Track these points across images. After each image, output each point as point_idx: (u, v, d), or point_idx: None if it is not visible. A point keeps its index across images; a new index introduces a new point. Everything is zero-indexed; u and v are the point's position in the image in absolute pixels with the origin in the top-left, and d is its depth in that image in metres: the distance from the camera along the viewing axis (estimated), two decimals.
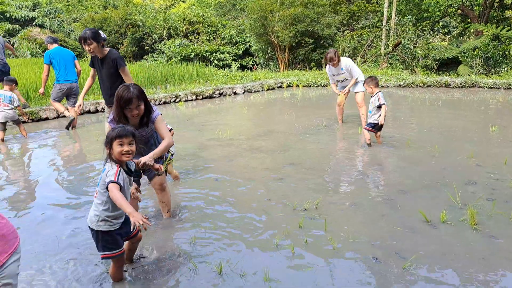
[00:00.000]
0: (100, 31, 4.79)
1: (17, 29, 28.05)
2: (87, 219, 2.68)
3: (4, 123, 7.07)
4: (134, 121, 3.27)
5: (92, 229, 2.64)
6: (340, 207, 3.93)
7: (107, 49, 4.84)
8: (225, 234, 3.44)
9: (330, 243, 3.19)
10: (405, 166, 5.12)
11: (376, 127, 6.13)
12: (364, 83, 6.44)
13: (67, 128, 8.00)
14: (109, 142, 2.61)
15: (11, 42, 26.20)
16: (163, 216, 3.81)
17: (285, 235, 3.35)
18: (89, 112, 10.12)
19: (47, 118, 9.20)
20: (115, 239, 2.65)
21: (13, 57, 19.21)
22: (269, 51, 18.76)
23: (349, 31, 21.36)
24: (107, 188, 2.50)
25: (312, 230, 3.44)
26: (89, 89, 5.63)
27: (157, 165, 3.04)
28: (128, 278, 2.84)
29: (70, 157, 6.05)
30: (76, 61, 8.16)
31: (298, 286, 2.63)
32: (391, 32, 17.10)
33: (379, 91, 6.11)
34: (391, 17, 17.30)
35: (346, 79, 7.37)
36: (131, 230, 2.72)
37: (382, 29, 17.68)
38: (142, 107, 3.21)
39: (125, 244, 2.82)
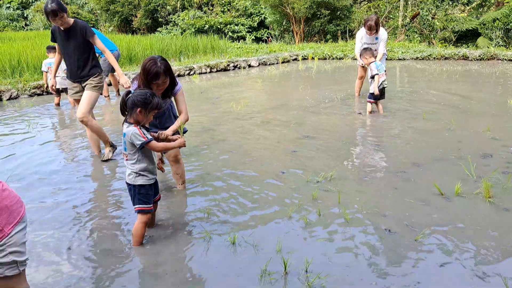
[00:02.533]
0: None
1: (31, 1, 28.03)
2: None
3: (59, 89, 7.51)
4: (158, 93, 3.29)
5: (129, 184, 2.87)
6: (354, 179, 3.94)
7: (71, 19, 4.42)
8: (239, 206, 3.49)
9: (343, 215, 3.22)
10: (420, 138, 5.07)
11: (373, 97, 6.23)
12: (360, 55, 6.43)
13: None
14: (149, 108, 2.74)
15: (25, 15, 26.27)
16: (177, 187, 3.87)
17: (298, 206, 3.39)
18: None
19: None
20: (149, 194, 2.89)
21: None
22: (284, 23, 18.44)
23: (366, 2, 20.80)
24: (142, 144, 2.71)
25: (325, 202, 3.47)
26: (59, 65, 4.98)
27: (175, 137, 3.08)
28: (145, 247, 2.92)
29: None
30: None
31: (311, 257, 2.67)
32: (409, 3, 16.60)
33: (373, 61, 6.18)
34: None
35: (376, 50, 6.93)
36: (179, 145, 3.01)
37: (400, 0, 17.17)
38: (168, 81, 3.24)
39: None
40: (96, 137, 4.68)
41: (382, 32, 6.96)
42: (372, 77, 6.15)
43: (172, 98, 3.56)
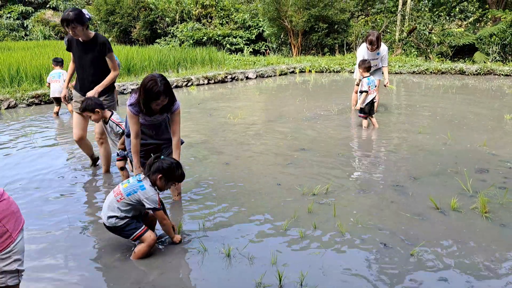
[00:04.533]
0: (84, 10, 4.16)
1: (30, 11, 28.18)
2: (102, 218, 2.90)
3: (58, 98, 7.61)
4: (157, 109, 3.30)
5: (109, 227, 2.87)
6: (350, 192, 3.94)
7: (92, 32, 4.25)
8: (234, 218, 3.48)
9: (339, 228, 3.20)
10: (416, 152, 5.08)
11: (363, 112, 6.28)
12: (358, 65, 6.49)
13: None
14: (165, 175, 2.84)
15: (25, 25, 26.38)
16: (173, 198, 3.85)
17: (294, 219, 3.37)
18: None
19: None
20: (134, 222, 2.88)
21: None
22: (282, 36, 18.57)
23: (363, 17, 21.02)
24: (152, 209, 2.84)
25: (321, 215, 3.45)
26: (72, 75, 4.68)
27: (177, 237, 3.12)
28: (136, 264, 2.89)
29: None
30: None
31: (306, 270, 2.65)
32: (406, 17, 16.78)
33: (367, 76, 6.23)
34: (406, 1, 16.95)
35: (376, 66, 7.07)
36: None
37: (397, 14, 17.37)
38: (167, 100, 3.24)
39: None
40: (108, 155, 4.59)
41: (383, 48, 7.02)
42: (361, 92, 6.19)
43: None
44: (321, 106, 8.13)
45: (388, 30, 17.97)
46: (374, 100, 6.29)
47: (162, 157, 2.92)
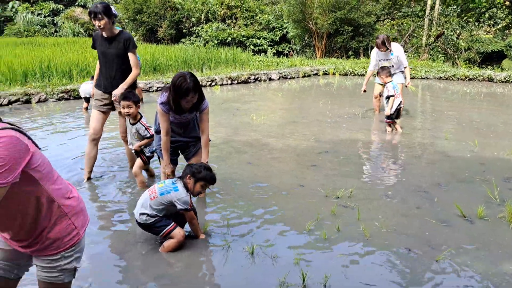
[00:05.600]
0: (112, 7, 4.14)
1: (61, 8, 28.92)
2: (135, 214, 3.01)
3: (88, 98, 7.80)
4: (187, 107, 3.36)
5: (140, 224, 2.98)
6: (374, 196, 3.92)
7: (117, 29, 4.22)
8: (257, 217, 3.51)
9: (363, 232, 3.20)
10: (443, 159, 5.01)
11: (389, 118, 6.23)
12: (377, 74, 6.48)
13: None
14: (197, 177, 2.95)
15: (55, 21, 27.07)
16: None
17: (317, 221, 3.38)
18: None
19: None
20: (163, 220, 2.96)
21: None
22: (306, 37, 18.55)
23: (389, 20, 20.79)
24: (184, 210, 2.94)
25: (344, 218, 3.45)
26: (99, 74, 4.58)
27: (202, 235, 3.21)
28: (163, 253, 2.95)
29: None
30: None
31: (329, 271, 2.66)
32: (434, 22, 16.53)
33: (390, 81, 6.23)
34: (434, 6, 16.69)
35: (393, 66, 7.09)
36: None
37: (424, 19, 17.12)
38: (196, 97, 3.30)
39: None
40: (94, 154, 4.47)
41: (396, 47, 7.05)
42: (388, 98, 6.17)
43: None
44: (345, 108, 8.10)
45: (415, 35, 17.73)
46: (401, 105, 6.25)
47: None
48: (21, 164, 1.46)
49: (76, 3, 29.90)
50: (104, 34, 4.13)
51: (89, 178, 4.34)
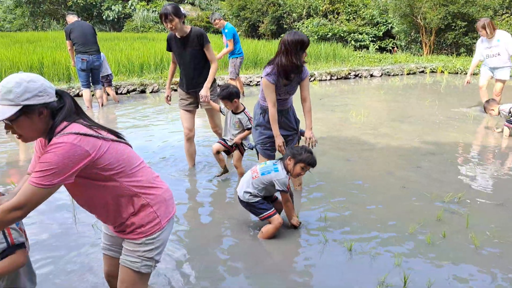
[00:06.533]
0: (180, 7, 4.19)
1: None
2: (238, 193, 3.13)
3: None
4: (294, 66, 3.44)
5: (243, 202, 3.10)
6: (485, 204, 3.62)
7: (188, 27, 4.17)
8: (356, 214, 3.46)
9: (472, 240, 2.98)
10: None
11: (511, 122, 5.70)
12: (485, 109, 6.11)
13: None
14: (297, 160, 3.01)
15: None
16: (294, 188, 3.96)
17: (421, 224, 3.23)
18: None
19: None
20: (265, 203, 3.08)
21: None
22: (412, 33, 17.55)
23: (508, 14, 18.76)
24: (281, 191, 3.01)
25: (451, 224, 3.25)
26: (173, 76, 4.64)
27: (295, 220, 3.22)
28: (259, 242, 3.06)
29: None
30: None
31: (433, 277, 2.54)
32: None
33: (501, 106, 5.84)
34: None
35: (499, 54, 6.63)
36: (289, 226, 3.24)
37: None
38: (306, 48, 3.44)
39: None
40: (192, 151, 4.61)
41: (504, 34, 6.62)
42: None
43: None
44: (454, 109, 7.54)
45: None
46: None
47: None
48: (72, 169, 1.55)
49: (185, 1, 31.81)
50: (177, 34, 4.15)
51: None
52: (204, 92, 4.17)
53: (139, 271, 1.82)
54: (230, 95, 4.03)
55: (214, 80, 4.37)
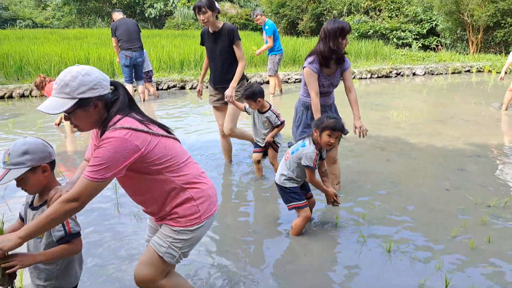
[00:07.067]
0: (219, 4, 4.23)
1: None
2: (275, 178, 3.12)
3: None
4: (342, 52, 3.44)
5: (278, 185, 3.09)
6: None
7: (220, 22, 4.16)
8: (395, 215, 3.39)
9: None
10: None
11: None
12: None
13: None
14: (321, 128, 2.90)
15: None
16: (333, 186, 3.92)
17: (464, 228, 3.12)
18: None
19: None
20: (299, 193, 3.05)
21: None
22: (458, 31, 16.90)
23: None
24: (306, 166, 2.91)
25: (497, 230, 3.12)
26: (206, 71, 4.60)
27: (331, 190, 3.12)
28: (297, 239, 3.06)
29: None
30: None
31: (476, 282, 2.45)
32: None
33: None
34: None
35: None
36: (326, 204, 3.24)
37: None
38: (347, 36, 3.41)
39: None
40: (228, 147, 4.61)
41: None
42: None
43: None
44: (502, 110, 7.21)
45: None
46: None
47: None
48: (123, 163, 1.61)
49: None
50: (209, 29, 4.15)
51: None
52: (229, 91, 4.07)
53: (162, 256, 1.83)
54: (254, 95, 3.89)
55: (243, 78, 4.27)
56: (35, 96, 8.57)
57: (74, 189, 1.61)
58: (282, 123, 4.07)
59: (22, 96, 8.69)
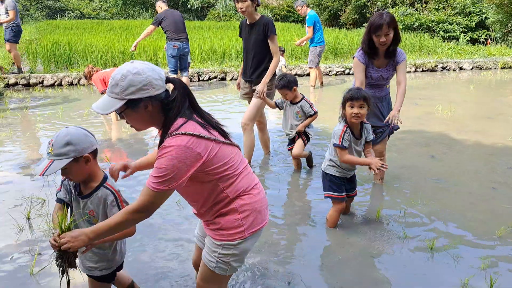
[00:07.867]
0: None
1: None
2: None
3: None
4: (382, 49, 3.35)
5: (322, 171, 3.09)
6: None
7: (258, 14, 4.02)
8: (437, 213, 3.32)
9: None
10: None
11: None
12: None
13: None
14: (343, 103, 2.88)
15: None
16: (375, 181, 3.89)
17: (511, 228, 3.02)
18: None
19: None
20: (339, 184, 3.01)
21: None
22: (510, 24, 16.08)
23: None
24: (333, 145, 2.89)
25: None
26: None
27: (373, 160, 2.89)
28: (335, 232, 3.06)
29: None
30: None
31: None
32: None
33: None
34: None
35: None
36: (372, 173, 3.07)
37: None
38: (391, 35, 3.25)
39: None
40: (265, 140, 4.62)
41: None
42: None
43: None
44: None
45: None
46: None
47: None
48: (187, 173, 1.54)
49: None
50: (247, 20, 4.05)
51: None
52: (261, 87, 3.95)
53: (213, 270, 1.79)
54: (289, 83, 3.86)
55: (274, 75, 4.12)
56: (83, 85, 8.94)
57: (140, 199, 1.59)
58: (316, 113, 4.04)
59: (71, 84, 9.09)
